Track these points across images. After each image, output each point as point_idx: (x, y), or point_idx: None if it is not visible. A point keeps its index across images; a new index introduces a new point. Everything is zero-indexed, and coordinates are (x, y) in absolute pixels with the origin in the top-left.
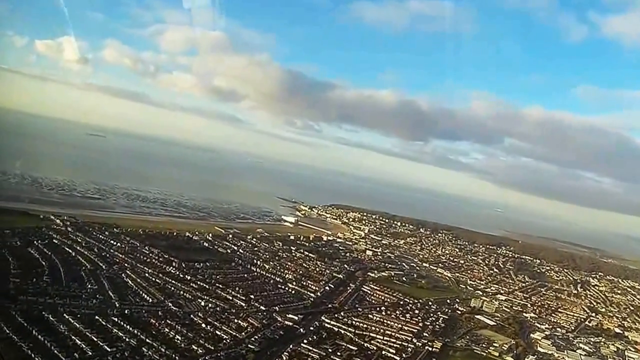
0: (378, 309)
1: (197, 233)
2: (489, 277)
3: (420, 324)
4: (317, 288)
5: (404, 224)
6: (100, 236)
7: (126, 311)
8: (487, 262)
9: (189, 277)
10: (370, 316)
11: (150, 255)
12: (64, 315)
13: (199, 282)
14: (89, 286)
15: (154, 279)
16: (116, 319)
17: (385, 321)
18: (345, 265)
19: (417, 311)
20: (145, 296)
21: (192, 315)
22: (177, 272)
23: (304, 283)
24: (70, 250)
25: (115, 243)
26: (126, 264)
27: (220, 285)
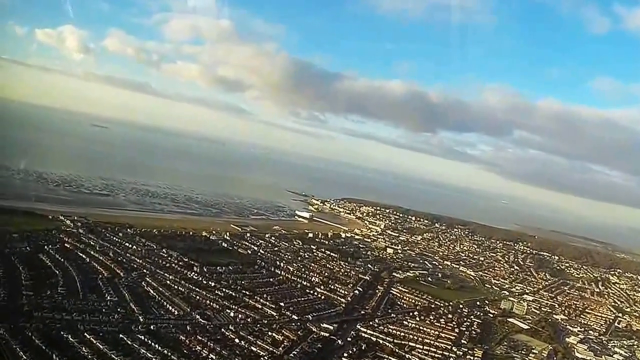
0: (411, 314)
1: (213, 232)
2: (511, 276)
3: (457, 330)
4: (345, 292)
5: (418, 219)
6: (114, 238)
7: (152, 326)
8: (506, 259)
9: (212, 284)
10: (405, 322)
11: (169, 259)
12: (85, 334)
13: (224, 289)
14: (109, 298)
15: (176, 287)
16: (142, 337)
17: (421, 328)
18: (369, 265)
19: (450, 315)
20: (170, 308)
21: (222, 329)
22: (200, 278)
23: (332, 287)
24: (84, 256)
25: (130, 246)
26: (145, 270)
27: (247, 292)
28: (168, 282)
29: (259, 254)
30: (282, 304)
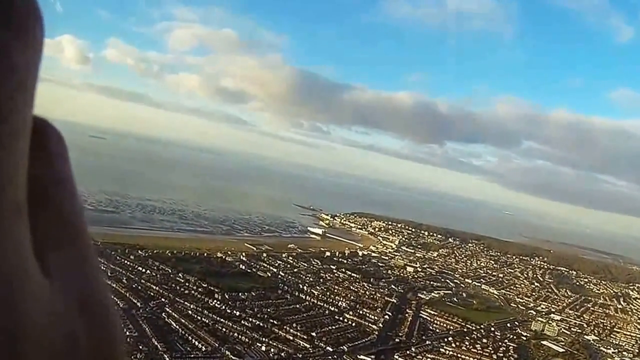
0: (445, 339)
1: (229, 253)
2: (534, 293)
3: (494, 356)
4: (375, 317)
5: (431, 234)
6: (126, 262)
7: None
8: (525, 275)
9: (237, 313)
10: (441, 350)
11: (187, 284)
12: None
13: (250, 319)
14: (127, 333)
15: (199, 317)
16: None
17: (459, 355)
18: (393, 286)
19: (484, 340)
20: (196, 343)
21: None
22: (223, 306)
23: (361, 312)
24: None
25: (144, 270)
26: (163, 299)
27: (275, 322)
28: (190, 312)
29: (279, 276)
30: (313, 334)
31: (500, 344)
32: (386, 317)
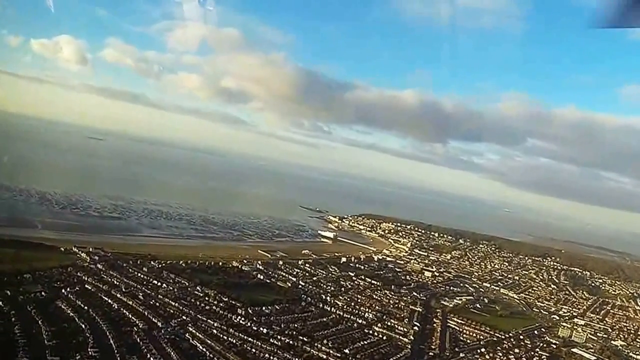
0: (478, 350)
1: (244, 261)
2: (552, 296)
3: None
4: (405, 329)
5: (441, 235)
6: (139, 274)
7: None
8: (541, 277)
9: (264, 330)
10: None
11: (207, 299)
12: None
13: (279, 336)
14: (152, 359)
15: (225, 337)
16: None
17: None
18: (415, 293)
19: (516, 350)
20: None
21: None
22: (248, 323)
23: (388, 323)
24: (110, 300)
25: (159, 284)
26: (184, 317)
27: (305, 338)
28: (214, 331)
29: (299, 286)
30: (346, 350)
31: (532, 353)
32: (415, 328)
